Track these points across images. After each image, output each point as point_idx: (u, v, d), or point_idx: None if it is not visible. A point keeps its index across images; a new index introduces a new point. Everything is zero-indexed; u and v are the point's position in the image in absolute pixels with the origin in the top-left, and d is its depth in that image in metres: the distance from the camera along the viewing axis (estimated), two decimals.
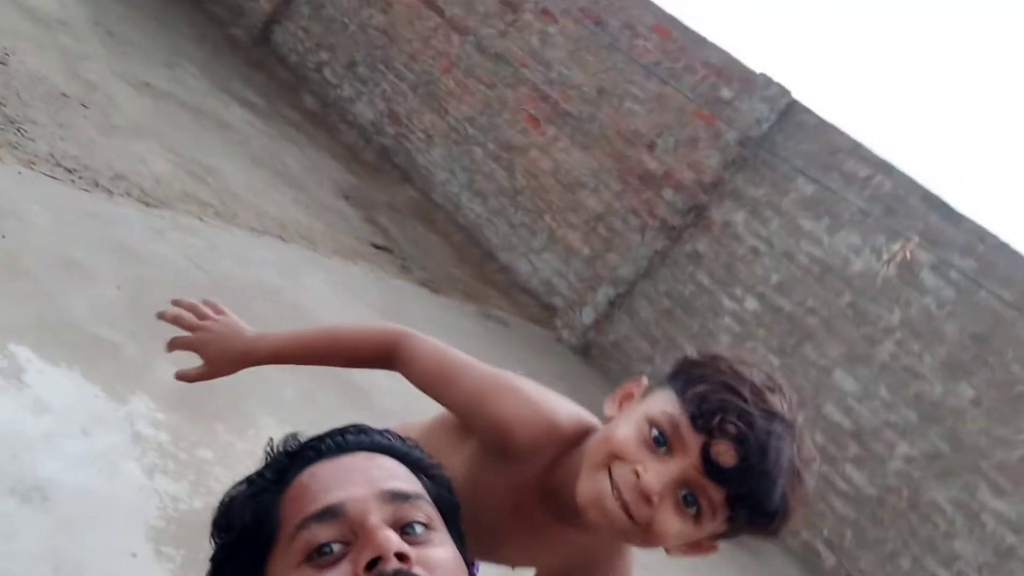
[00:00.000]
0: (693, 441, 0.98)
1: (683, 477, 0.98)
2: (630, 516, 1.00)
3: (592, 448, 1.07)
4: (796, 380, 5.62)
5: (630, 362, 6.50)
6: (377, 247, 5.65)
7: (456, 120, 7.57)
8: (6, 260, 2.76)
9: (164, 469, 2.39)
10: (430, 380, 1.21)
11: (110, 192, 3.76)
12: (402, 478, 0.90)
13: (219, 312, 1.34)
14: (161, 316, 1.36)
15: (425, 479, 0.95)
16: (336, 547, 0.80)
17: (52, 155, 3.70)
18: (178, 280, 3.40)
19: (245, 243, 4.18)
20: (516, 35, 7.59)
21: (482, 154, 7.37)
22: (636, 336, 6.59)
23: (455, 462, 1.14)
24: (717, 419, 0.97)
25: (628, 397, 1.12)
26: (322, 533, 0.81)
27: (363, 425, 1.00)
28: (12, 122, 3.72)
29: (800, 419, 1.03)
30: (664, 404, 1.03)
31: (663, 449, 1.00)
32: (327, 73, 8.22)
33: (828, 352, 5.73)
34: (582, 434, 1.14)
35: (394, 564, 0.78)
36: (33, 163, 3.51)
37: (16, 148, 3.53)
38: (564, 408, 1.18)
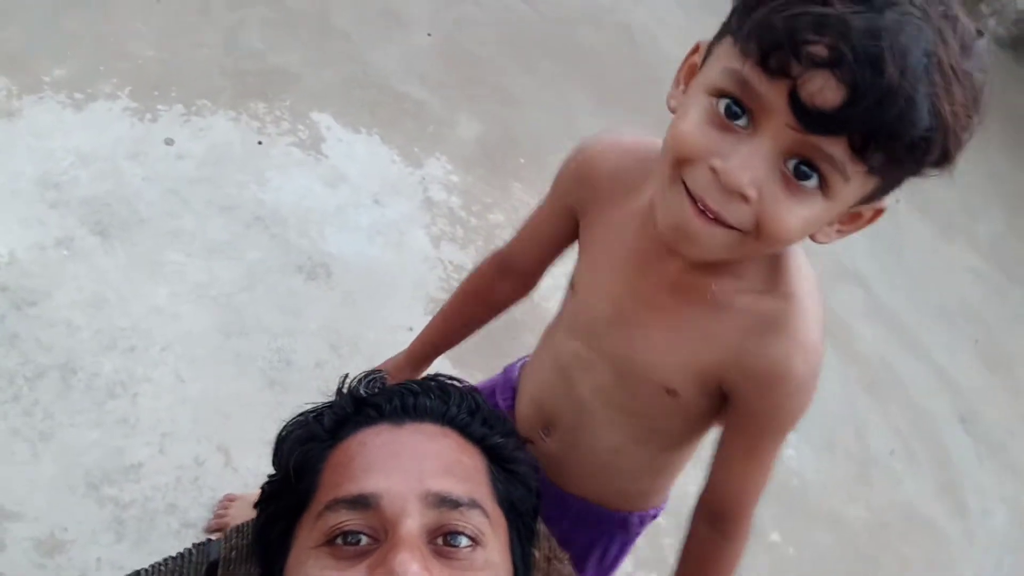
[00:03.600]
0: (774, 93, 0.68)
1: (780, 147, 0.70)
2: (729, 227, 0.74)
3: (658, 161, 0.79)
4: None
5: None
6: None
7: None
8: (318, 17, 2.82)
9: (452, 236, 2.41)
10: (530, 239, 1.13)
11: None
12: (460, 474, 0.76)
13: None
14: None
15: (500, 472, 0.82)
16: (364, 539, 0.71)
17: None
18: (498, 17, 3.25)
19: None
20: None
21: None
22: None
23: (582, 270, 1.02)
24: (792, 47, 0.67)
25: (691, 71, 0.80)
26: (350, 521, 0.71)
27: (449, 384, 0.86)
28: None
29: None
30: (724, 60, 0.73)
31: (742, 122, 0.72)
32: None
33: None
34: None
35: None
36: None
37: None
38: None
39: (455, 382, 0.88)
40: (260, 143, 2.35)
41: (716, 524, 0.99)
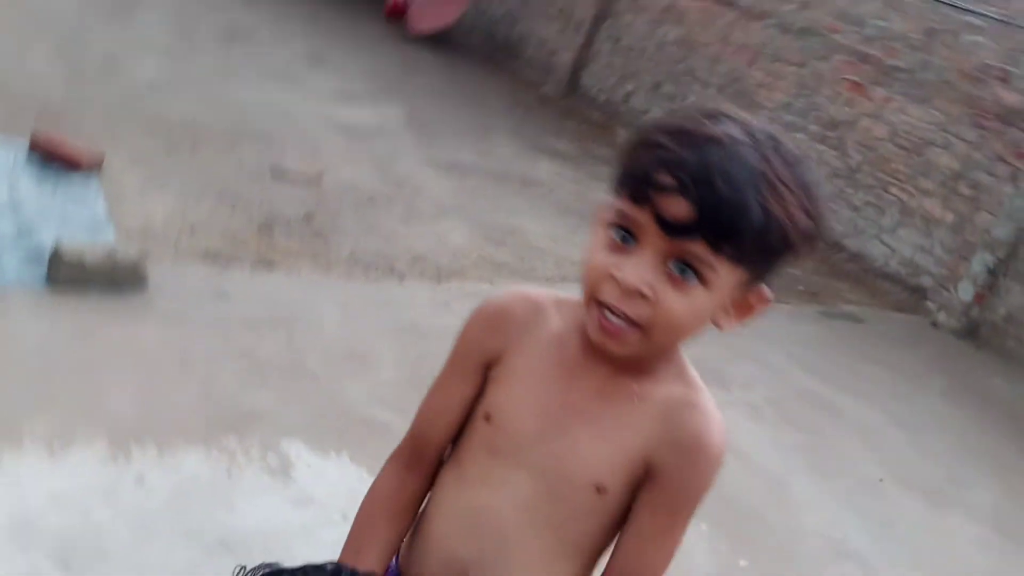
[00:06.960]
0: (645, 216, 0.95)
1: (659, 253, 0.96)
2: (637, 325, 0.97)
3: (582, 292, 1.04)
4: None
5: None
6: None
7: (771, 110, 7.04)
8: (291, 363, 3.07)
9: None
10: (440, 413, 1.16)
11: (402, 276, 4.04)
12: None
13: None
14: None
15: None
16: None
17: (352, 255, 4.09)
18: None
19: None
20: (819, 2, 6.90)
21: (806, 138, 6.75)
22: None
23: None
24: (647, 182, 0.94)
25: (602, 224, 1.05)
26: None
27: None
28: (318, 235, 4.19)
29: (767, 129, 0.98)
30: (612, 204, 1.00)
31: (631, 244, 0.97)
32: (635, 102, 8.21)
33: None
34: None
35: None
36: (330, 267, 3.90)
37: (317, 257, 3.96)
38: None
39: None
40: (229, 474, 2.46)
41: None
